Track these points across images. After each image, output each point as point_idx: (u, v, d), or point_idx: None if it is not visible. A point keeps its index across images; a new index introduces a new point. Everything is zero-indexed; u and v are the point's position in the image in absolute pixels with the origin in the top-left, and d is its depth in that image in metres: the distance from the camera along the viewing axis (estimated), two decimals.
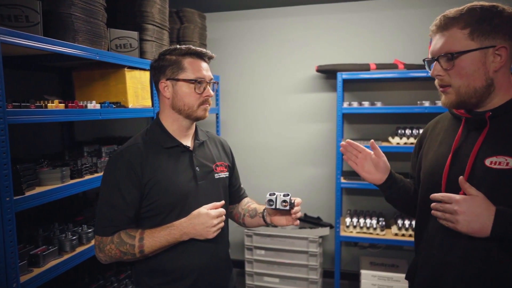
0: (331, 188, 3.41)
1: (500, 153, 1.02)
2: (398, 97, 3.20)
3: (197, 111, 1.31)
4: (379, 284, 3.01)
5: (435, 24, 1.08)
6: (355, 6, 3.24)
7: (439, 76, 1.09)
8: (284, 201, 1.28)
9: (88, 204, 2.17)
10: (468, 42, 1.02)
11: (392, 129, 3.14)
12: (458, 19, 1.03)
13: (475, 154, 1.06)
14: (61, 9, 1.63)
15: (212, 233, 1.24)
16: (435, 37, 1.09)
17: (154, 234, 1.22)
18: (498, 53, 1.02)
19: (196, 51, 1.31)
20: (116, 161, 1.28)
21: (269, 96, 3.53)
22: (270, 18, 3.43)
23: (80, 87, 2.06)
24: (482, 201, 0.99)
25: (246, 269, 3.24)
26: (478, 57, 1.02)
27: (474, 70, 1.03)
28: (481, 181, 1.04)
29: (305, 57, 3.38)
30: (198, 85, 1.29)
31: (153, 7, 2.26)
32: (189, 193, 1.30)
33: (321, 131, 3.43)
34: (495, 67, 1.03)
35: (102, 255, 1.24)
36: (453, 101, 1.08)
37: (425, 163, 1.23)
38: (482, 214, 0.97)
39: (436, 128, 1.27)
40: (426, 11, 3.08)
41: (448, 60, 1.05)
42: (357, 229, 3.02)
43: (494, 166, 1.02)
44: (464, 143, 1.11)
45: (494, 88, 1.05)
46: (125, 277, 2.23)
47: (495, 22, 1.01)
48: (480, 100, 1.07)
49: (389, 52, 3.18)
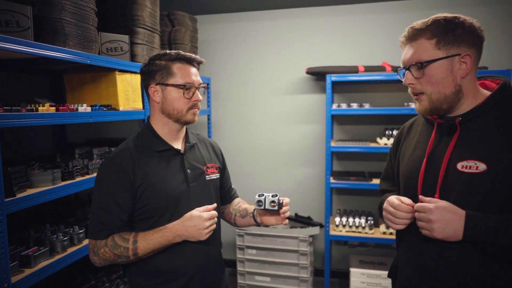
0: (321, 188, 3.46)
1: (470, 157, 1.07)
2: (386, 99, 3.26)
3: (186, 115, 1.34)
4: (368, 282, 3.07)
5: (404, 35, 1.14)
6: (344, 10, 3.29)
7: (411, 84, 1.14)
8: (272, 202, 1.32)
9: (79, 206, 2.19)
10: (435, 52, 1.08)
11: (380, 130, 3.20)
12: (424, 30, 1.09)
13: (448, 158, 1.11)
14: (51, 14, 1.65)
15: (204, 235, 1.27)
16: (405, 48, 1.14)
17: (147, 236, 1.25)
18: (464, 60, 1.07)
19: (185, 56, 1.34)
20: (109, 166, 1.30)
21: (259, 98, 3.57)
22: (261, 20, 3.48)
23: (71, 90, 2.09)
24: (450, 207, 1.04)
25: (238, 268, 3.28)
26: (445, 65, 1.08)
27: (443, 78, 1.08)
28: (454, 184, 1.09)
29: (295, 59, 3.43)
30: (187, 90, 1.31)
31: (144, 11, 2.29)
32: (181, 195, 1.32)
33: (311, 132, 3.48)
34: (462, 74, 1.08)
35: (97, 258, 1.27)
36: (427, 108, 1.13)
37: (402, 167, 1.28)
38: (453, 220, 1.03)
39: (411, 131, 1.31)
40: (412, 15, 3.15)
41: (418, 69, 1.10)
42: (347, 228, 3.07)
43: (466, 170, 1.07)
44: (437, 147, 1.16)
45: (462, 94, 1.11)
46: (117, 277, 2.26)
47: (457, 32, 1.07)
48: (451, 106, 1.12)
49: (377, 54, 3.24)
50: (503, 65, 2.95)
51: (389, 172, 1.41)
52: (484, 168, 1.04)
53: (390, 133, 2.99)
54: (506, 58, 2.99)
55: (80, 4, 1.76)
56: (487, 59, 2.97)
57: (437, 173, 1.11)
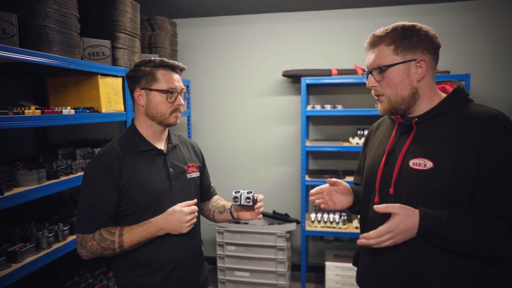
0: (297, 186, 3.61)
1: (420, 155, 1.16)
2: (358, 100, 3.44)
3: (169, 118, 1.44)
4: (342, 274, 3.23)
5: (367, 42, 1.23)
6: (319, 16, 3.46)
7: (373, 87, 1.23)
8: (247, 198, 1.44)
9: (62, 205, 2.26)
10: (393, 57, 1.17)
11: (353, 130, 3.38)
12: (384, 37, 1.18)
13: (402, 156, 1.20)
14: (36, 21, 1.73)
15: (185, 228, 1.37)
16: (368, 53, 1.24)
17: (132, 230, 1.35)
18: (419, 65, 1.16)
19: (168, 63, 1.44)
20: (95, 165, 1.39)
21: (238, 99, 3.70)
22: (239, 24, 3.60)
23: (54, 92, 2.16)
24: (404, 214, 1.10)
25: (218, 264, 3.39)
26: (402, 69, 1.17)
27: (400, 81, 1.17)
28: (406, 180, 1.18)
29: (272, 62, 3.57)
30: (170, 94, 1.41)
31: (124, 17, 2.38)
32: (164, 192, 1.43)
33: (287, 132, 3.63)
34: (417, 78, 1.17)
35: (84, 251, 1.35)
36: (386, 108, 1.23)
37: (366, 162, 1.38)
38: (410, 227, 1.10)
39: (378, 130, 1.42)
40: (382, 21, 3.33)
41: (379, 73, 1.19)
42: (322, 224, 3.22)
43: (415, 167, 1.16)
44: (397, 145, 1.25)
45: (419, 96, 1.19)
46: (100, 273, 2.34)
47: (413, 39, 1.16)
48: (408, 107, 1.21)
49: (350, 58, 3.41)
50: (463, 69, 3.17)
51: (360, 167, 1.51)
52: (431, 165, 1.13)
53: (361, 133, 3.16)
54: (466, 62, 3.21)
55: (63, 12, 1.84)
56: (450, 64, 3.19)
57: (393, 169, 1.21)
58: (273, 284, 3.28)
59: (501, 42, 3.16)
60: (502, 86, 3.19)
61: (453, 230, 1.09)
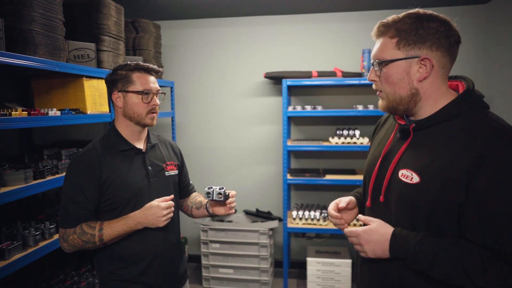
0: (279, 185, 3.71)
1: (409, 167, 1.05)
2: (337, 101, 3.57)
3: (145, 119, 1.52)
4: (323, 270, 3.34)
5: (374, 30, 1.10)
6: (300, 19, 3.56)
7: (374, 80, 1.12)
8: (219, 193, 1.52)
9: (47, 204, 2.30)
10: (394, 51, 1.04)
11: (332, 130, 3.50)
12: (390, 28, 1.04)
13: (394, 164, 1.10)
14: (22, 25, 1.78)
15: (162, 222, 1.45)
16: (376, 43, 1.10)
17: (112, 224, 1.42)
18: (423, 63, 1.02)
19: (143, 66, 1.53)
20: (77, 163, 1.47)
21: (221, 100, 3.78)
22: (222, 27, 3.68)
23: (39, 94, 2.20)
24: (378, 228, 1.07)
25: (203, 262, 3.46)
26: (403, 66, 1.03)
27: (399, 79, 1.05)
28: (393, 190, 1.09)
29: (254, 64, 3.66)
30: (146, 95, 1.50)
31: (109, 20, 2.43)
32: (143, 189, 1.51)
33: (269, 132, 3.73)
34: (419, 77, 1.03)
35: (66, 244, 1.43)
36: (385, 106, 1.11)
37: (366, 160, 1.29)
38: (380, 240, 1.06)
39: (384, 124, 1.31)
40: (362, 25, 3.46)
41: (378, 67, 1.08)
42: (303, 221, 3.33)
43: (403, 179, 1.06)
44: (393, 149, 1.14)
45: (420, 98, 1.05)
46: (86, 271, 2.39)
47: (420, 32, 1.01)
48: (408, 108, 1.08)
49: (329, 60, 3.53)
50: None
51: None
52: (417, 180, 1.02)
53: (340, 133, 3.28)
54: None
55: (48, 16, 1.89)
56: None
57: (384, 176, 1.12)
58: (256, 280, 3.37)
59: (473, 47, 3.33)
60: None
61: (425, 255, 0.99)
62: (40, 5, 1.84)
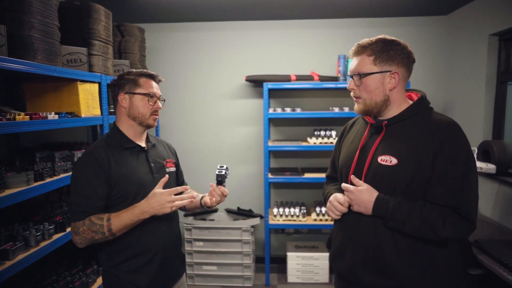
0: (260, 183, 3.87)
1: (387, 153, 1.35)
2: (315, 104, 3.77)
3: (149, 119, 1.64)
4: (302, 263, 3.53)
5: (353, 49, 1.40)
6: (279, 24, 3.73)
7: (353, 89, 1.41)
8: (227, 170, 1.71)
9: (41, 206, 2.33)
10: (372, 67, 1.34)
11: (310, 131, 3.69)
12: (367, 48, 1.35)
13: (372, 152, 1.39)
14: (22, 31, 1.82)
15: (168, 208, 1.50)
16: (353, 59, 1.40)
17: (119, 215, 1.49)
18: (393, 76, 1.34)
19: (149, 73, 1.66)
20: (87, 160, 1.54)
21: (204, 102, 3.88)
22: (205, 31, 3.78)
23: (31, 98, 2.23)
24: (365, 191, 1.34)
25: (187, 260, 3.55)
26: (378, 78, 1.34)
27: (375, 88, 1.35)
28: (374, 173, 1.37)
29: (236, 67, 3.80)
30: (151, 98, 1.62)
31: (99, 25, 2.48)
32: (147, 183, 1.60)
33: (250, 133, 3.87)
34: (390, 87, 1.35)
35: (78, 237, 1.49)
36: (361, 109, 1.41)
37: (341, 157, 1.56)
38: (365, 201, 1.34)
39: (352, 128, 1.59)
40: (338, 32, 3.68)
41: (358, 79, 1.37)
42: (283, 217, 3.50)
43: (383, 163, 1.35)
44: (368, 143, 1.43)
45: (390, 102, 1.37)
46: (78, 271, 2.43)
47: (391, 53, 1.33)
48: (380, 111, 1.39)
49: (307, 64, 3.73)
50: None
51: (334, 161, 1.68)
52: (396, 162, 1.32)
53: (318, 134, 3.48)
54: None
55: (46, 22, 1.94)
56: None
57: (365, 163, 1.40)
58: (240, 276, 3.51)
59: (435, 56, 3.63)
60: (436, 93, 3.67)
61: (401, 214, 1.28)
62: (38, 11, 1.89)
